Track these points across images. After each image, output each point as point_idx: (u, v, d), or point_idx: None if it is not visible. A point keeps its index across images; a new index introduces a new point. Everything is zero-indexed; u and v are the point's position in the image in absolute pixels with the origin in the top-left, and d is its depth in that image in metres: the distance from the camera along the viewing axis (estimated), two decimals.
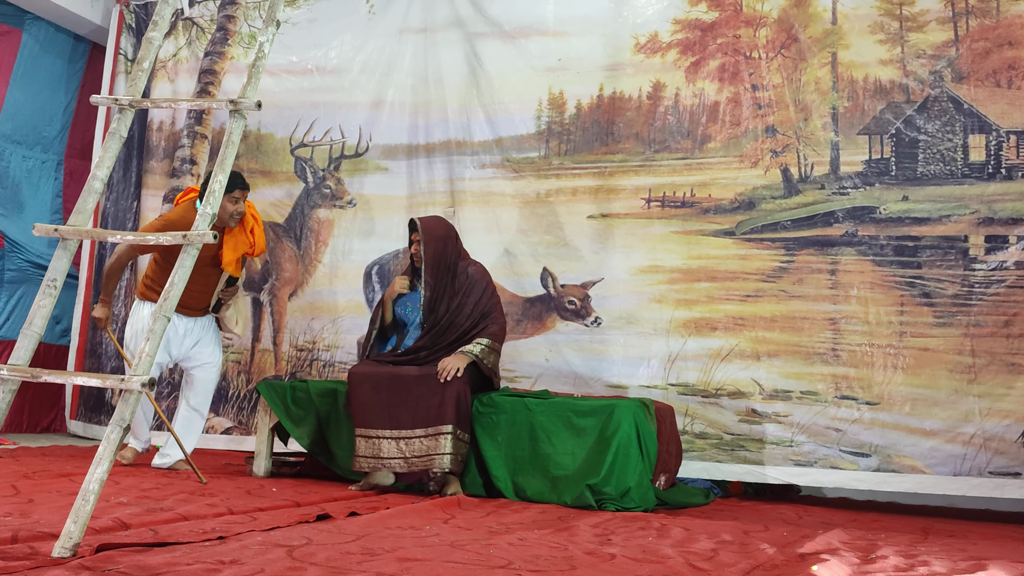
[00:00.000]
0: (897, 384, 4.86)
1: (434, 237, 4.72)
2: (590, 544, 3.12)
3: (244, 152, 6.41)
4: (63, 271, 2.82)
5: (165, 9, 3.21)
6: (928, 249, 4.92)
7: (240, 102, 2.94)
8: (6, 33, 6.67)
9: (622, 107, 5.65)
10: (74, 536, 2.43)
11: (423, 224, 4.75)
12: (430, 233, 4.72)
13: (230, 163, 2.89)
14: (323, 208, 6.31)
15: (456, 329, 4.65)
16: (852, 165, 5.12)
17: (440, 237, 4.74)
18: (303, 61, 6.46)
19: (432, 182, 6.05)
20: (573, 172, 5.72)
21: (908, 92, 5.06)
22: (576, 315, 5.56)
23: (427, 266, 4.69)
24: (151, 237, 2.92)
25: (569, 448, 4.38)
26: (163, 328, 2.64)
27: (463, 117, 6.00)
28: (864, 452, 4.87)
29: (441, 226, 4.80)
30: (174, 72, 6.84)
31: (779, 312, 5.15)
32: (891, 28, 5.13)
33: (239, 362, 6.33)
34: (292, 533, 2.98)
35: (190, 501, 3.62)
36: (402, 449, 4.36)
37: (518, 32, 5.92)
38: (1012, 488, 4.58)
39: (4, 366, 2.67)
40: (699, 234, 5.37)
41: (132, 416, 2.55)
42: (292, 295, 6.30)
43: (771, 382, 5.09)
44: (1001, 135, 4.86)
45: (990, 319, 4.76)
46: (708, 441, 5.15)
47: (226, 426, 6.25)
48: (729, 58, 5.44)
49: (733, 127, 5.40)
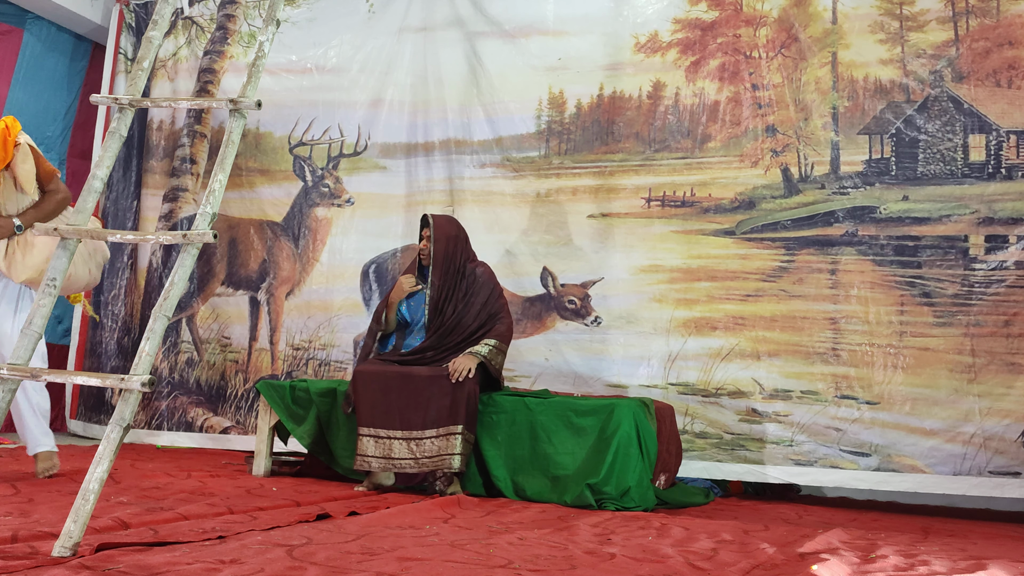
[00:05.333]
0: (897, 384, 4.86)
1: (445, 236, 4.71)
2: (590, 544, 3.12)
3: (243, 151, 6.40)
4: (63, 270, 2.82)
5: (165, 8, 3.20)
6: (928, 249, 4.92)
7: (240, 101, 2.94)
8: (7, 32, 6.66)
9: (622, 106, 5.65)
10: (74, 535, 2.43)
11: (435, 221, 4.74)
12: (441, 231, 4.71)
13: (230, 162, 2.88)
14: (321, 207, 6.30)
15: (463, 330, 4.64)
16: (852, 165, 5.12)
17: (451, 236, 4.73)
18: (302, 60, 6.46)
19: (431, 181, 6.05)
20: (573, 171, 5.72)
21: (908, 92, 5.06)
22: (576, 314, 5.55)
23: (435, 264, 4.68)
24: (151, 237, 2.92)
25: (569, 447, 4.38)
26: (163, 327, 2.64)
27: (463, 116, 6.00)
28: (864, 452, 4.87)
29: (453, 225, 4.80)
30: (174, 71, 6.83)
31: (779, 312, 5.15)
32: (891, 28, 5.13)
33: (236, 361, 6.33)
34: (292, 532, 2.98)
35: (190, 501, 3.61)
36: (412, 450, 4.36)
37: (518, 31, 5.92)
38: (1012, 488, 4.58)
39: (4, 365, 2.67)
40: (699, 233, 5.37)
41: (132, 415, 2.55)
42: (289, 294, 6.29)
43: (771, 382, 5.09)
44: (1001, 135, 4.86)
45: (990, 319, 4.76)
46: (708, 440, 5.15)
47: (224, 425, 6.25)
48: (729, 57, 5.44)
49: (733, 127, 5.40)
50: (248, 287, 6.39)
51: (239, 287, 6.42)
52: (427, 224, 4.75)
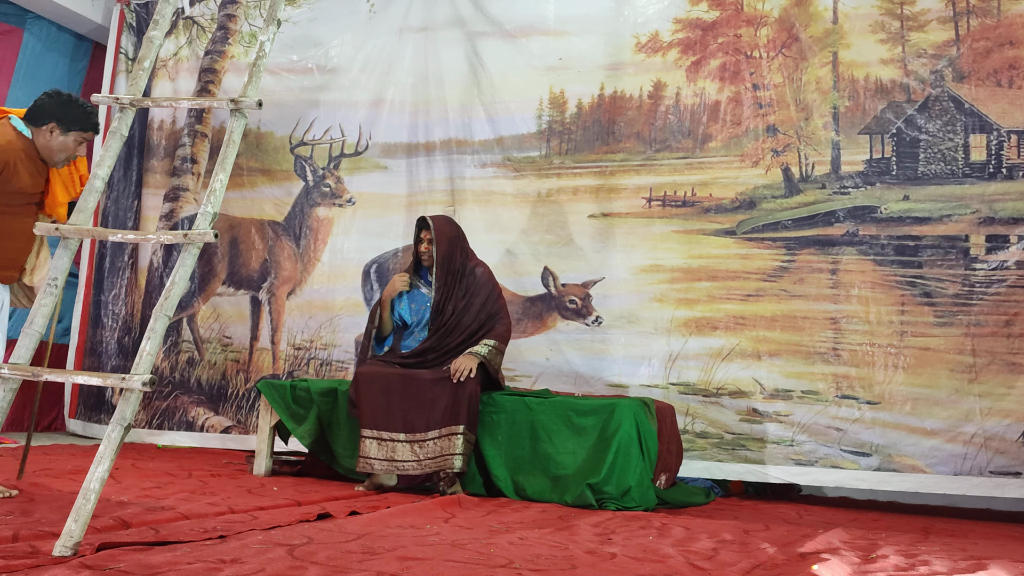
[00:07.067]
0: (898, 384, 4.86)
1: (446, 237, 4.72)
2: (591, 543, 3.12)
3: (244, 150, 6.41)
4: (64, 270, 2.82)
5: (166, 8, 3.21)
6: (929, 249, 4.92)
7: (241, 101, 2.94)
8: (7, 32, 6.66)
9: (623, 106, 5.65)
10: (75, 535, 2.43)
11: (435, 223, 4.74)
12: (442, 233, 4.72)
13: (231, 162, 2.89)
14: (323, 207, 6.31)
15: (462, 330, 4.65)
16: (853, 164, 5.12)
17: (452, 238, 4.74)
18: (303, 60, 6.46)
19: (432, 181, 6.05)
20: (574, 171, 5.72)
21: (909, 91, 5.06)
22: (577, 314, 5.56)
23: (437, 266, 4.69)
24: (152, 236, 2.92)
25: (570, 447, 4.38)
26: (164, 327, 2.64)
27: (464, 116, 6.00)
28: (865, 451, 4.87)
29: (452, 226, 4.80)
30: (175, 71, 6.84)
31: (780, 311, 5.15)
32: (892, 27, 5.13)
33: (237, 361, 6.33)
34: (293, 532, 2.98)
35: (191, 500, 3.62)
36: (416, 452, 4.37)
37: (519, 31, 5.92)
38: (1012, 488, 4.58)
39: (5, 365, 2.67)
40: (700, 233, 5.37)
41: (133, 415, 2.55)
42: (291, 294, 6.30)
43: (772, 381, 5.09)
44: (1002, 135, 4.86)
45: (991, 319, 4.76)
46: (709, 440, 5.15)
47: (225, 425, 6.25)
48: (730, 57, 5.44)
49: (734, 126, 5.40)
50: (249, 287, 6.40)
51: (240, 287, 6.42)
52: (426, 226, 4.75)
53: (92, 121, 3.73)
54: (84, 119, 3.70)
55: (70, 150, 3.72)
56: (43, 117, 3.66)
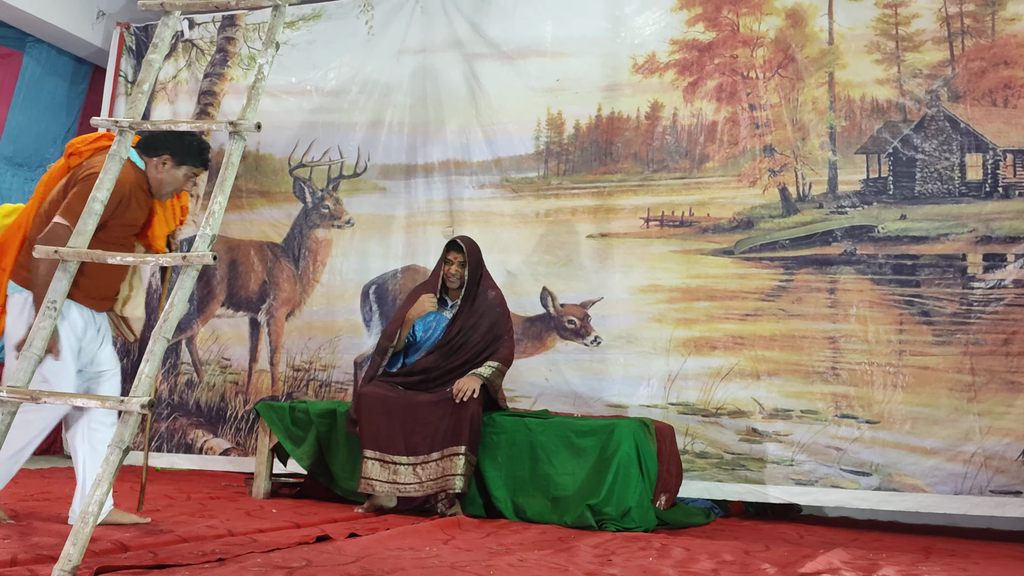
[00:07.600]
0: (897, 403, 4.86)
1: (476, 260, 4.77)
2: (591, 564, 3.11)
3: (243, 172, 6.43)
4: (63, 292, 2.82)
5: (165, 31, 3.22)
6: (926, 268, 4.93)
7: (240, 123, 2.95)
8: (7, 55, 6.69)
9: (620, 127, 5.67)
10: (73, 559, 2.42)
11: (468, 246, 4.77)
12: (474, 256, 4.77)
13: (230, 184, 2.89)
14: (321, 228, 6.32)
15: (468, 350, 4.66)
16: (850, 184, 5.14)
17: (480, 260, 4.81)
18: (302, 82, 6.49)
19: (431, 202, 6.07)
20: (572, 192, 5.74)
21: (905, 111, 5.09)
22: (576, 334, 5.56)
23: (467, 288, 4.72)
24: (151, 258, 2.92)
25: (569, 468, 4.37)
26: (163, 349, 2.64)
27: (462, 137, 6.03)
28: (865, 471, 4.86)
29: (478, 249, 4.85)
30: (174, 93, 6.87)
31: (778, 331, 5.15)
32: (887, 48, 5.16)
33: (236, 383, 6.33)
34: (292, 554, 2.97)
35: (190, 523, 3.60)
36: (418, 474, 4.36)
37: (516, 53, 5.95)
38: (1013, 507, 4.57)
39: (3, 388, 2.67)
40: (698, 253, 5.38)
41: (132, 437, 2.54)
42: (290, 315, 6.30)
43: (771, 401, 5.09)
44: (998, 154, 4.88)
45: (989, 337, 4.76)
46: (709, 460, 5.14)
47: (224, 447, 6.23)
48: (727, 78, 5.47)
49: (731, 147, 5.42)
50: (248, 308, 6.40)
51: (239, 308, 6.42)
52: (458, 248, 4.76)
53: (205, 157, 3.66)
54: (198, 154, 3.62)
55: (179, 184, 3.63)
56: (158, 148, 3.56)
